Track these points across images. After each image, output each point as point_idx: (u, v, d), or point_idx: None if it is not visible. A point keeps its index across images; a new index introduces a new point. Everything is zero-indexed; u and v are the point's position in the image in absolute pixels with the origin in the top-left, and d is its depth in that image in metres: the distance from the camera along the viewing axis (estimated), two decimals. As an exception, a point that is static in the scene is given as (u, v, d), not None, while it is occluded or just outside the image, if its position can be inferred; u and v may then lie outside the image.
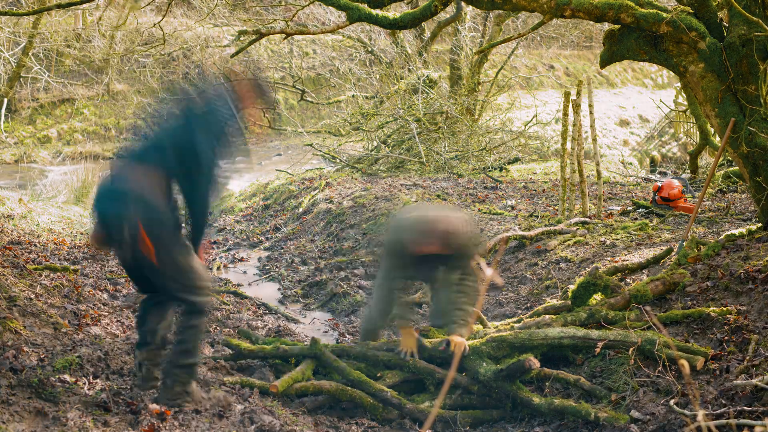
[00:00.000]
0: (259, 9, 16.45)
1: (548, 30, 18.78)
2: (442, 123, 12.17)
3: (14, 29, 15.88)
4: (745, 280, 4.14)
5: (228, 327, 5.20)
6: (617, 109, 20.15)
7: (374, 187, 9.55)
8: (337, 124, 13.74)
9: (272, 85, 16.49)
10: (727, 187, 9.33)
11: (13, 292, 4.53)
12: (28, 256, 5.92)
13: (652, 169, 16.05)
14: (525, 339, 4.13)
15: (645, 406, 3.59)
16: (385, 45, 16.81)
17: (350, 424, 4.09)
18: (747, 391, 3.24)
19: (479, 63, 14.26)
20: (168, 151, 3.46)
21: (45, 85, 19.16)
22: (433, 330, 4.57)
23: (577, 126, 7.21)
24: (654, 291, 4.47)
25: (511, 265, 6.36)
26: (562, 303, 4.75)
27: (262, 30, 6.22)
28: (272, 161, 19.01)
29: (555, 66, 27.27)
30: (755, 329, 3.72)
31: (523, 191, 9.91)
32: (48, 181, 13.36)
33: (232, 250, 8.51)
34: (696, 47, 4.65)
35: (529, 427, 3.88)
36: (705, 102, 4.76)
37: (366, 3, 5.34)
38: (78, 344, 4.15)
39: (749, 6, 4.61)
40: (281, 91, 21.85)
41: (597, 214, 7.46)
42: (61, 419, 3.23)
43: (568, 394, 3.99)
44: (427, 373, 4.18)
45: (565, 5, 4.80)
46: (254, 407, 3.82)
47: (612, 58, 5.05)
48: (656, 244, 5.81)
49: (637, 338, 3.90)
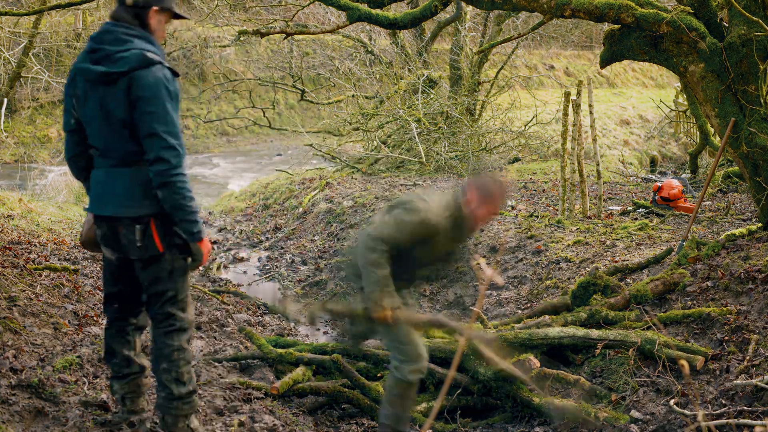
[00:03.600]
0: (259, 9, 16.43)
1: (548, 30, 18.77)
2: (442, 123, 12.17)
3: (14, 29, 15.88)
4: (745, 280, 4.14)
5: (228, 327, 5.19)
6: (617, 109, 20.14)
7: (374, 187, 9.55)
8: (337, 124, 13.74)
9: (272, 85, 16.48)
10: (727, 187, 9.33)
11: (13, 292, 4.53)
12: (28, 256, 5.92)
13: (652, 169, 16.04)
14: (525, 339, 4.12)
15: (645, 406, 3.59)
16: (385, 45, 16.81)
17: (350, 424, 4.09)
18: (747, 391, 3.24)
19: (479, 63, 14.26)
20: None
21: (45, 85, 19.15)
22: (432, 330, 4.57)
23: (577, 126, 7.21)
24: (654, 291, 4.47)
25: (511, 265, 6.36)
26: (562, 303, 4.75)
27: (262, 30, 6.22)
28: (272, 161, 19.02)
29: (555, 66, 27.27)
30: (755, 329, 3.71)
31: (523, 191, 9.91)
32: (48, 181, 13.36)
33: (232, 250, 8.51)
34: (696, 47, 4.65)
35: (529, 427, 3.88)
36: (705, 102, 4.76)
37: (366, 3, 5.34)
38: (78, 344, 4.15)
39: (749, 6, 4.61)
40: (281, 91, 21.84)
41: (597, 214, 7.46)
42: (61, 419, 3.23)
43: (568, 394, 4.00)
44: (427, 373, 4.18)
45: (565, 5, 4.80)
46: (255, 407, 3.82)
47: (612, 58, 5.05)
48: (656, 244, 5.81)
49: (637, 338, 3.90)
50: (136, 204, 2.99)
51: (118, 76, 2.92)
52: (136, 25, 3.03)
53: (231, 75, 23.55)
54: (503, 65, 15.34)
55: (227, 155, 21.02)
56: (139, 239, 3.01)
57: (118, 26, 3.01)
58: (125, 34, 2.99)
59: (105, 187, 3.06)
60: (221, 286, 6.60)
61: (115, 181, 3.04)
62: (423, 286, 6.61)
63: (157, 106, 2.91)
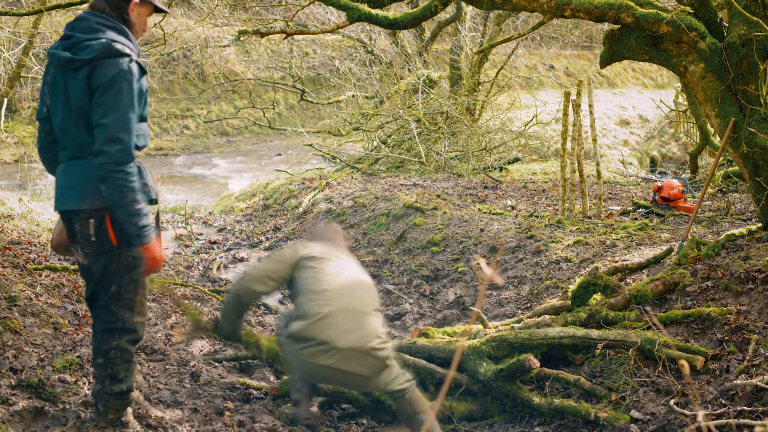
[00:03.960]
0: (259, 9, 16.44)
1: (548, 30, 18.77)
2: (442, 123, 12.17)
3: (14, 29, 15.87)
4: (745, 280, 4.14)
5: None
6: (617, 109, 20.14)
7: (374, 187, 9.56)
8: (337, 124, 13.75)
9: (272, 85, 16.48)
10: (727, 187, 9.34)
11: (13, 292, 4.53)
12: (28, 256, 5.92)
13: (652, 169, 16.04)
14: (525, 339, 4.12)
15: (645, 406, 3.59)
16: (385, 45, 16.81)
17: (350, 424, 4.09)
18: (747, 391, 3.24)
19: (479, 63, 14.26)
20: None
21: (45, 85, 19.12)
22: (432, 330, 4.57)
23: (577, 126, 7.21)
24: (654, 291, 4.47)
25: (511, 265, 6.36)
26: (562, 303, 4.75)
27: (262, 30, 6.22)
28: (272, 161, 19.03)
29: (555, 66, 27.28)
30: (755, 329, 3.71)
31: (523, 191, 9.92)
32: (48, 181, 13.35)
33: (232, 250, 8.51)
34: (696, 47, 4.65)
35: (529, 427, 3.88)
36: (705, 102, 4.76)
37: (366, 3, 5.34)
38: (78, 344, 4.16)
39: (749, 6, 4.61)
40: (281, 91, 21.84)
41: (597, 214, 7.46)
42: (61, 419, 3.23)
43: (568, 394, 4.00)
44: (426, 372, 4.18)
45: (565, 5, 4.80)
46: (255, 407, 3.82)
47: (612, 58, 5.05)
48: (656, 244, 5.81)
49: (637, 338, 3.90)
50: (89, 197, 2.93)
51: (82, 64, 2.88)
52: (115, 17, 3.00)
53: (231, 75, 23.56)
54: (503, 65, 15.35)
55: (227, 155, 21.03)
56: (93, 233, 2.95)
57: (93, 15, 2.99)
58: (98, 23, 2.96)
59: (64, 180, 3.01)
60: (221, 286, 6.60)
61: (71, 174, 2.98)
62: (423, 286, 6.61)
63: (111, 96, 2.85)
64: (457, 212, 7.80)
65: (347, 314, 3.47)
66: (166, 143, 22.09)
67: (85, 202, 2.94)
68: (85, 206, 2.94)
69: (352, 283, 3.63)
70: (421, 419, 3.61)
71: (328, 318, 3.43)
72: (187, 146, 22.21)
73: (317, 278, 3.59)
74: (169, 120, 23.09)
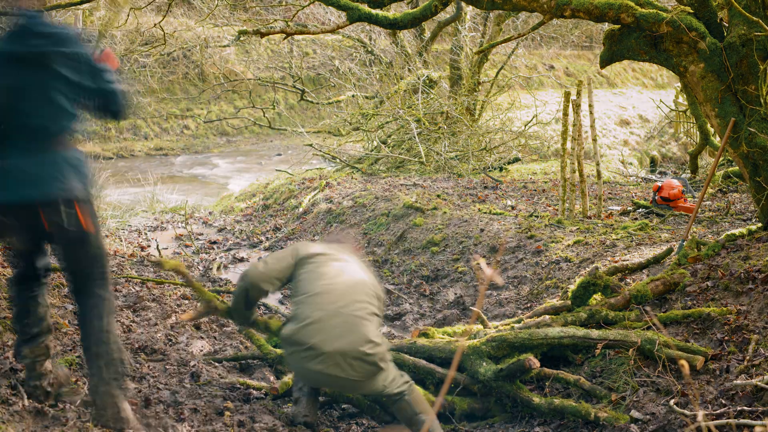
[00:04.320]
0: (259, 9, 16.44)
1: (548, 30, 18.77)
2: (442, 123, 12.17)
3: (14, 29, 15.86)
4: (745, 280, 4.14)
5: (228, 327, 5.19)
6: (617, 109, 20.15)
7: (374, 187, 9.56)
8: (337, 124, 13.74)
9: (272, 85, 16.48)
10: (727, 187, 9.34)
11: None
12: (28, 256, 5.91)
13: (652, 169, 16.04)
14: (525, 339, 4.12)
15: (645, 406, 3.59)
16: (385, 45, 16.81)
17: (350, 424, 4.09)
18: (747, 391, 3.24)
19: (479, 63, 14.25)
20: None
21: (45, 85, 19.10)
22: (432, 330, 4.57)
23: (577, 126, 7.21)
24: (654, 291, 4.47)
25: (511, 265, 6.36)
26: (562, 303, 4.75)
27: (262, 30, 6.21)
28: (272, 161, 19.03)
29: (555, 66, 27.28)
30: (755, 329, 3.71)
31: (523, 191, 9.92)
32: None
33: (232, 250, 8.51)
34: (696, 47, 4.65)
35: (529, 427, 3.88)
36: (705, 102, 4.76)
37: (366, 3, 5.34)
38: (78, 344, 4.15)
39: (749, 6, 4.61)
40: (281, 91, 21.84)
41: (597, 214, 7.47)
42: (61, 419, 3.22)
43: (568, 394, 4.00)
44: (426, 372, 4.19)
45: (565, 5, 4.80)
46: (255, 407, 3.82)
47: (612, 58, 5.05)
48: (656, 244, 5.81)
49: (637, 338, 3.90)
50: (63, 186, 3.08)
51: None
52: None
53: (231, 75, 23.56)
54: (503, 65, 15.34)
55: (227, 155, 21.03)
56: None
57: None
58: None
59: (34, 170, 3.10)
60: (221, 286, 6.60)
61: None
62: (423, 286, 6.61)
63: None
64: (457, 212, 7.80)
65: (338, 319, 3.47)
66: (166, 143, 22.11)
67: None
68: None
69: (350, 284, 3.63)
70: (421, 419, 3.62)
71: (318, 323, 3.45)
72: (187, 146, 22.22)
73: (313, 279, 3.61)
74: (169, 120, 23.10)
